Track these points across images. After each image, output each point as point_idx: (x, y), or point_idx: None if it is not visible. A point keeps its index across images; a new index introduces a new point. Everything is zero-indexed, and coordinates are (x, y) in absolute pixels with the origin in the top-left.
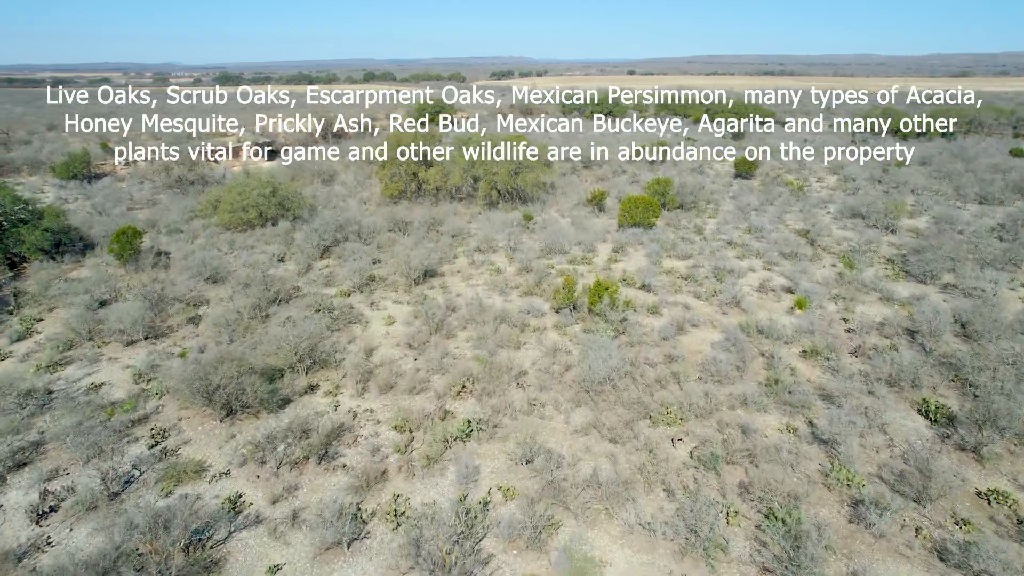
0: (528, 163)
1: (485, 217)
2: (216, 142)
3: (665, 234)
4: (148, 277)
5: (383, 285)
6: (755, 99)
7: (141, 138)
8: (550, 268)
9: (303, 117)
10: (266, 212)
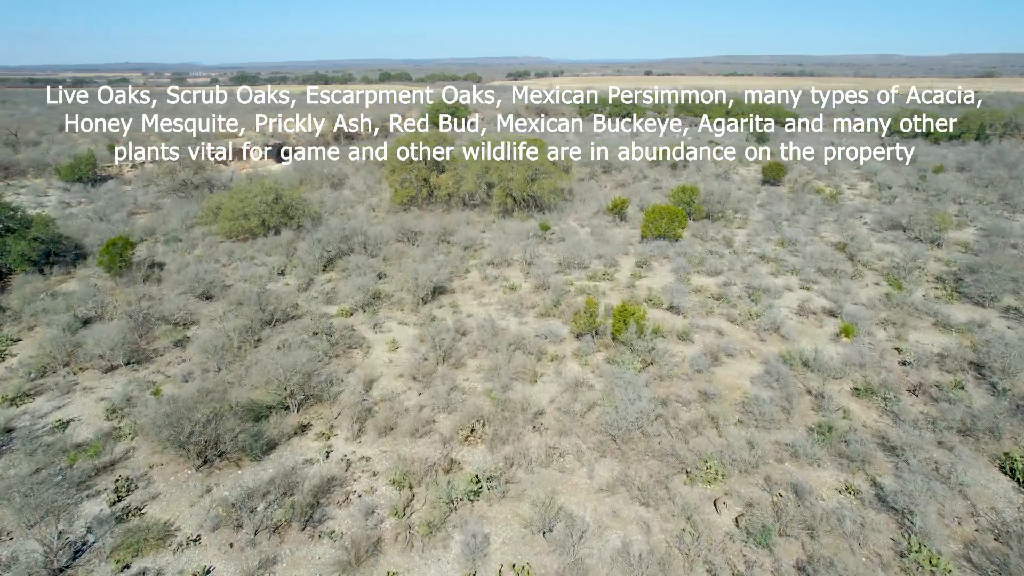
0: (545, 169)
1: (499, 226)
2: (224, 143)
3: (692, 247)
4: (136, 292)
5: (388, 303)
6: (757, 99)
7: (151, 139)
8: (569, 285)
9: (317, 118)
10: (268, 220)
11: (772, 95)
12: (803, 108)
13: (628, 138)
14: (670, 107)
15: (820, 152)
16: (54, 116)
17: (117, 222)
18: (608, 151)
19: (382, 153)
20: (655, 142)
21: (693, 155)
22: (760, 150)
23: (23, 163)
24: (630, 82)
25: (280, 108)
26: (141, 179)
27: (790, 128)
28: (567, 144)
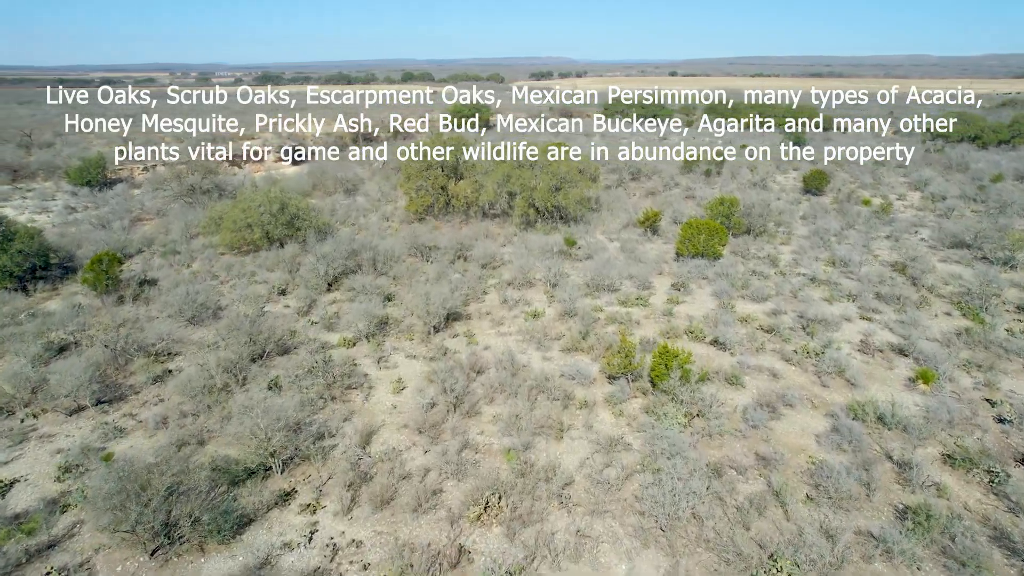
0: (571, 177)
1: (521, 239)
2: (239, 145)
3: (734, 267)
4: (116, 317)
5: (396, 330)
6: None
7: (165, 140)
8: (598, 312)
9: (339, 118)
10: (272, 232)
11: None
12: (838, 110)
13: (656, 141)
14: (699, 108)
15: (856, 154)
16: (77, 115)
17: (118, 230)
18: (608, 151)
19: (403, 153)
20: (684, 147)
21: (732, 153)
22: (798, 154)
23: (33, 165)
24: (655, 83)
25: (280, 108)
26: (151, 182)
27: (815, 128)
28: (592, 147)
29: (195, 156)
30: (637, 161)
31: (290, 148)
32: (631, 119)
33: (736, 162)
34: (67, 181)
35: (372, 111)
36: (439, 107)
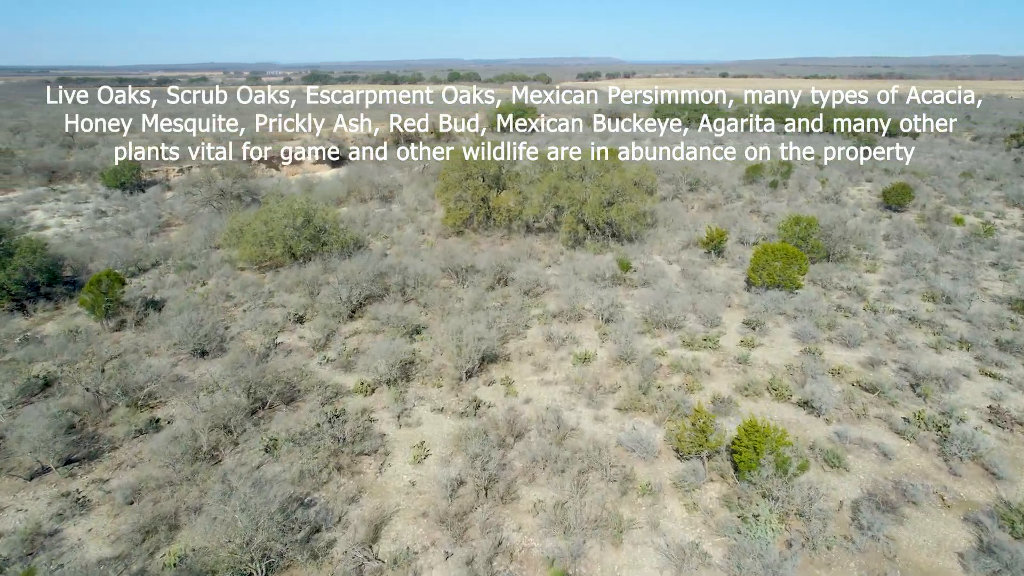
0: (626, 190)
1: (568, 259)
2: (278, 146)
3: (816, 301)
4: (110, 348)
5: (423, 374)
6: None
7: (204, 139)
8: (659, 356)
9: (376, 120)
10: (295, 248)
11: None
12: (907, 113)
13: (710, 145)
14: (754, 110)
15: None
16: (122, 115)
17: (139, 239)
18: (659, 156)
19: (441, 154)
20: (742, 150)
21: (798, 159)
22: (873, 159)
23: (71, 166)
24: (706, 84)
25: (280, 108)
26: (184, 185)
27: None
28: (640, 151)
29: (229, 157)
30: (694, 169)
31: (328, 149)
32: (687, 122)
33: (803, 171)
34: (101, 183)
35: (415, 111)
36: (484, 108)
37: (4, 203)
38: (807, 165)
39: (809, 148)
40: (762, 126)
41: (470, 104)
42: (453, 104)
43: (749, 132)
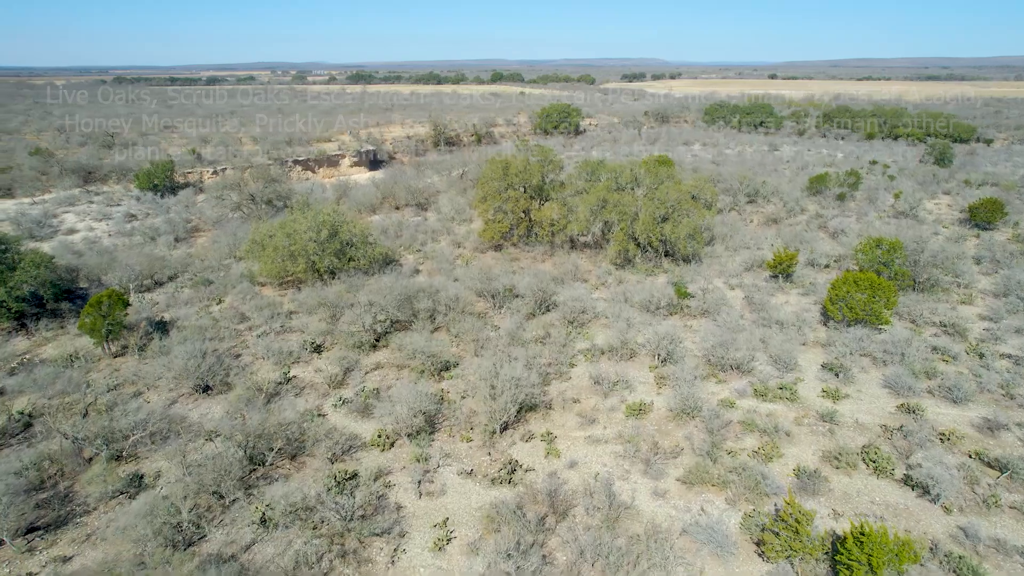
0: (682, 204)
1: (617, 281)
2: (315, 148)
3: (909, 342)
4: (86, 398)
5: (451, 423)
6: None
7: (242, 139)
8: (727, 408)
9: (422, 121)
10: (319, 264)
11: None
12: (979, 119)
13: (765, 153)
14: (812, 115)
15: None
16: (166, 115)
17: (163, 246)
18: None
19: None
20: (803, 161)
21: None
22: (948, 175)
23: (106, 167)
24: (755, 86)
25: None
26: (216, 188)
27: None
28: (694, 162)
29: (265, 159)
30: (753, 178)
31: (366, 152)
32: (738, 126)
33: (872, 182)
34: (135, 185)
35: (457, 113)
36: (527, 109)
37: (38, 205)
38: (874, 174)
39: (877, 155)
40: (819, 130)
41: (513, 105)
42: (497, 105)
43: (806, 137)
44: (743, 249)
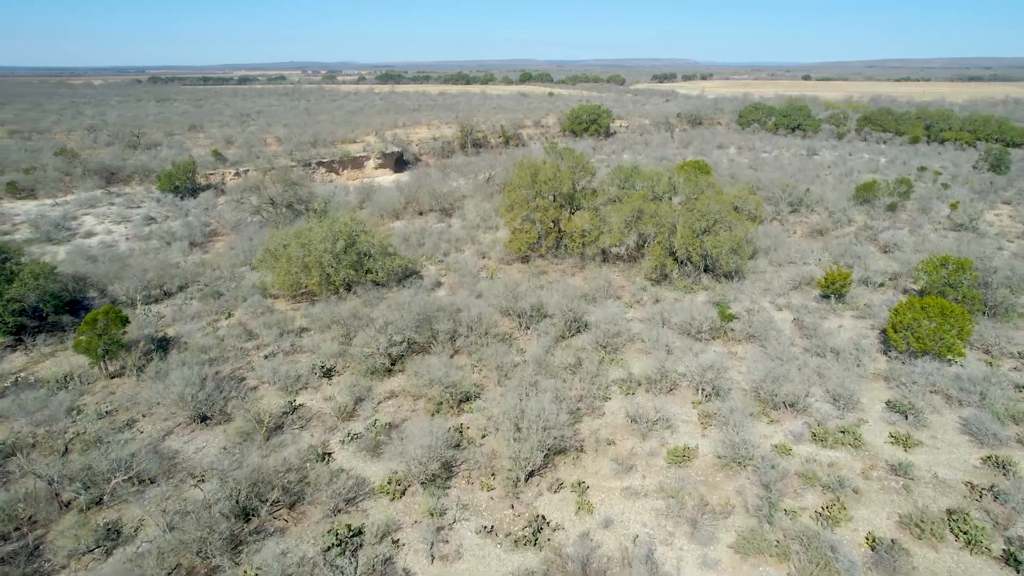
0: (724, 216)
1: (652, 298)
2: (339, 149)
3: (987, 379)
4: (66, 435)
5: (470, 466)
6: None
7: (267, 140)
8: (783, 456)
9: (449, 122)
10: (334, 277)
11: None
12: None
13: (804, 157)
14: (851, 118)
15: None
16: (197, 116)
17: (177, 252)
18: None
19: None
20: (846, 166)
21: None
22: (1006, 183)
23: (129, 168)
24: (789, 87)
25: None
26: (237, 190)
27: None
28: (730, 168)
29: (289, 161)
30: (795, 186)
31: (391, 154)
32: (774, 129)
33: (923, 190)
34: (156, 186)
35: (485, 114)
36: (556, 110)
37: (59, 207)
38: (923, 181)
39: (925, 160)
40: (859, 133)
41: (542, 106)
42: (525, 106)
43: (845, 141)
44: (788, 264)
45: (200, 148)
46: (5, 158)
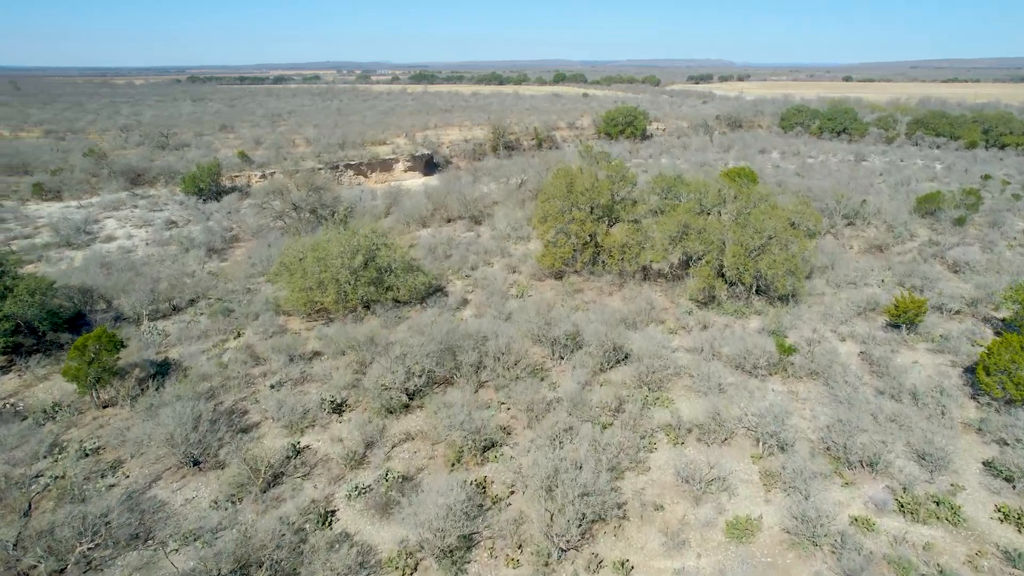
0: (780, 233)
1: (699, 324)
2: (368, 151)
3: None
4: (24, 502)
5: (492, 536)
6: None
7: (295, 141)
8: (864, 532)
9: (481, 123)
10: (351, 295)
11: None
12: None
13: (852, 163)
14: (901, 121)
15: None
16: (230, 115)
17: (196, 260)
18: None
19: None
20: (901, 174)
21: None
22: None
23: (154, 170)
24: (830, 88)
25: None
26: (262, 193)
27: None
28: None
29: (316, 163)
30: (851, 196)
31: (420, 156)
32: (818, 132)
33: (992, 202)
34: (180, 189)
35: (518, 115)
36: (590, 111)
37: (83, 209)
38: (989, 191)
39: (986, 168)
40: (910, 138)
41: (575, 107)
42: (559, 107)
43: (895, 146)
44: (847, 285)
45: (229, 149)
46: (36, 158)
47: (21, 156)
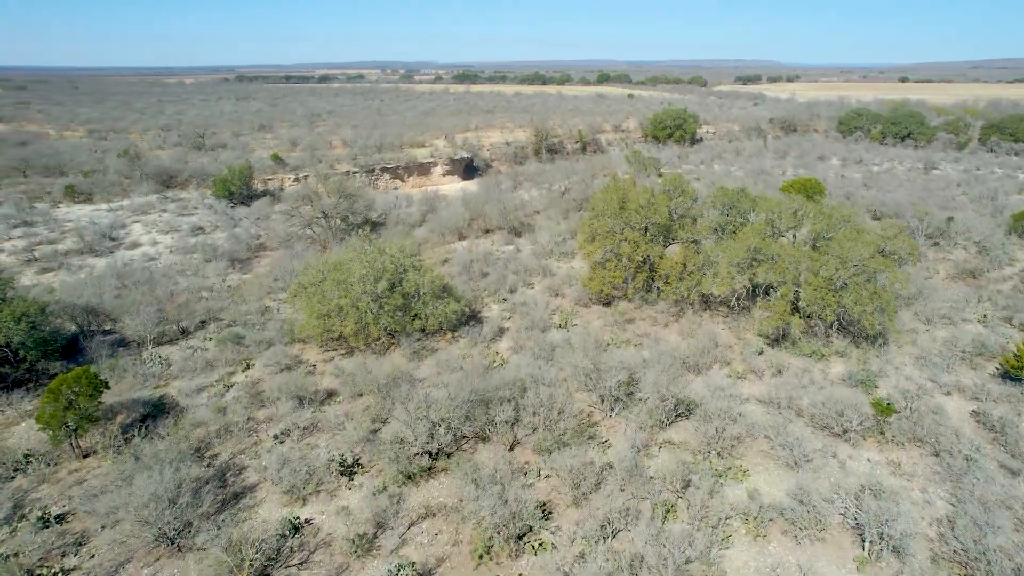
0: (868, 262)
1: (774, 369)
2: (406, 154)
3: None
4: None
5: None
6: None
7: (332, 143)
8: None
9: (523, 125)
10: (371, 325)
11: None
12: None
13: (921, 172)
14: (973, 125)
15: None
16: (271, 115)
17: (213, 275)
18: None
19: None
20: (984, 186)
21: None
22: None
23: (187, 172)
24: (887, 90)
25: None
26: (294, 197)
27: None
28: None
29: (352, 166)
30: (935, 213)
31: (460, 159)
32: (880, 137)
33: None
34: (210, 192)
35: (561, 116)
36: (636, 112)
37: (112, 212)
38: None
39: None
40: (985, 144)
41: (621, 109)
42: (603, 108)
43: (968, 152)
44: (940, 320)
45: (265, 150)
46: (73, 159)
47: (58, 157)
